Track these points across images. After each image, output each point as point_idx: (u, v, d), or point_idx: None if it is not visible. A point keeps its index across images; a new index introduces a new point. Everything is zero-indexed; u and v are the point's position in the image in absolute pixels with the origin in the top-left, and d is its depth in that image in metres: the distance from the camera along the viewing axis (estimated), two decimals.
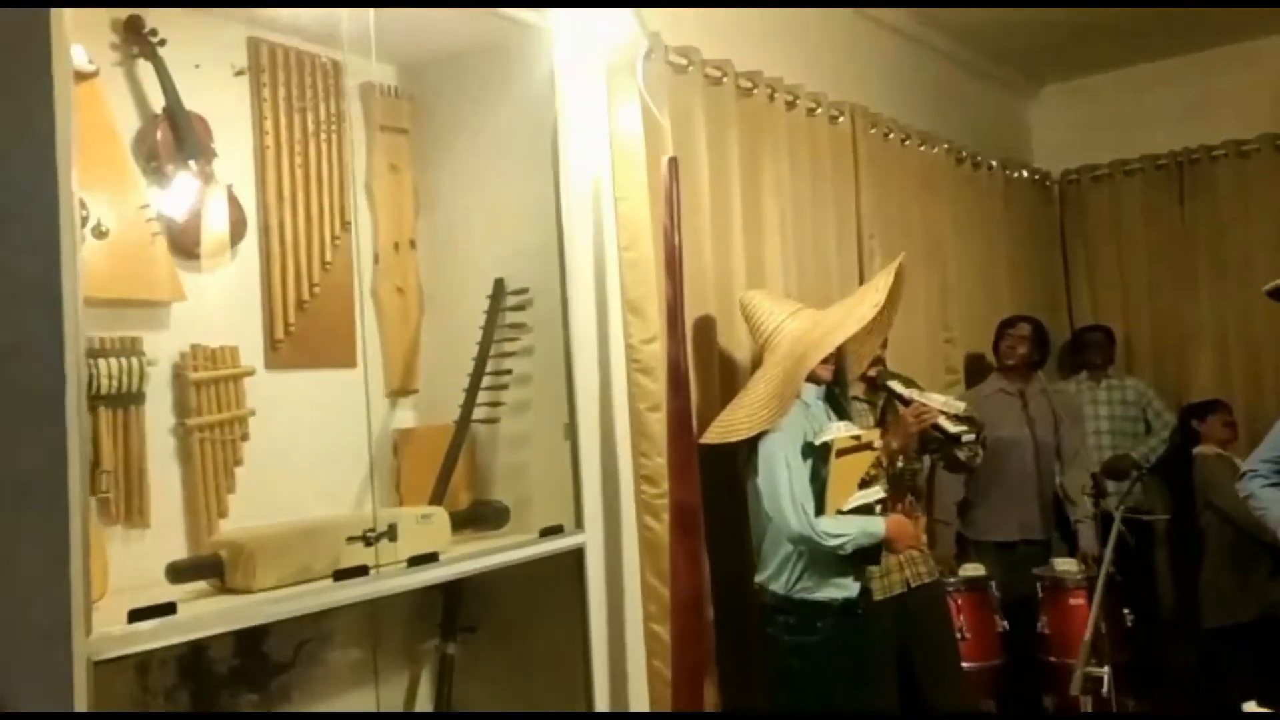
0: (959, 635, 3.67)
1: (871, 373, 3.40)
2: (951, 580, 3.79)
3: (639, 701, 2.85)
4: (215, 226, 2.20)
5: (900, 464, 3.29)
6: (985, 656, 3.72)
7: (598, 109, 3.02)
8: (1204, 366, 5.17)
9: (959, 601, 3.74)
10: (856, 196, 4.07)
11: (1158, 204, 5.38)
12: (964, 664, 3.61)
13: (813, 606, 2.87)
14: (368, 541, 2.02)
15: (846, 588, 2.91)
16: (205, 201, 2.18)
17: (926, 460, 3.64)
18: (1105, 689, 2.46)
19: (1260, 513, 2.93)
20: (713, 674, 3.02)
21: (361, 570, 2.00)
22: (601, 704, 2.68)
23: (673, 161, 2.87)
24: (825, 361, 2.97)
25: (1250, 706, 2.52)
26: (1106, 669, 2.45)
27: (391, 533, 2.07)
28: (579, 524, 2.49)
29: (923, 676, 3.39)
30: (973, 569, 3.90)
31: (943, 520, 4.18)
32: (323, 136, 2.47)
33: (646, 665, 2.86)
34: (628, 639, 2.90)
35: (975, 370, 4.73)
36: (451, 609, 2.60)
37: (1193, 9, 4.68)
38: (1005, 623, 3.80)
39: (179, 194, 2.13)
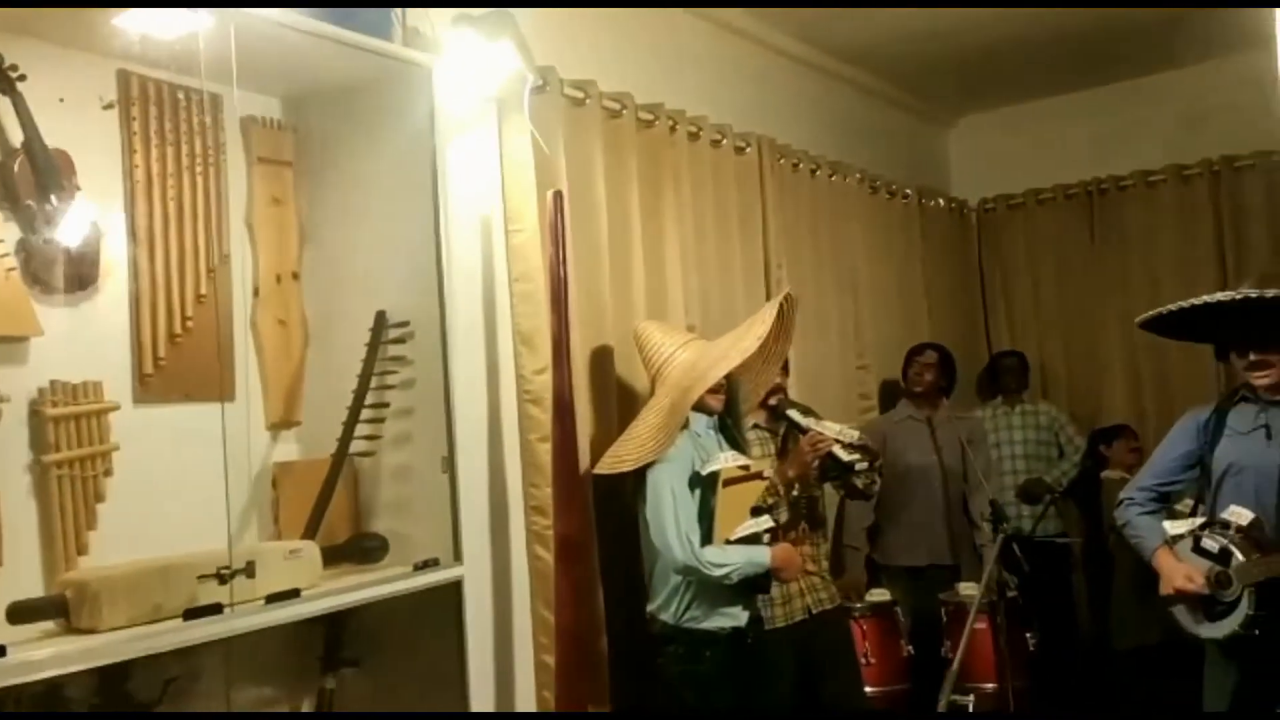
0: (864, 660, 3.70)
1: (772, 401, 3.43)
2: (857, 606, 3.82)
3: None
4: (77, 261, 2.19)
5: (796, 492, 3.32)
6: (890, 681, 3.75)
7: (489, 142, 3.04)
8: (1117, 392, 5.27)
9: (864, 627, 3.77)
10: (764, 227, 4.12)
11: (1070, 233, 5.51)
12: (869, 689, 3.63)
13: (701, 636, 2.88)
14: (222, 579, 2.01)
15: (735, 617, 2.92)
16: (66, 236, 2.16)
17: (829, 488, 3.67)
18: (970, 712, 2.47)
19: (1136, 541, 2.97)
20: (606, 704, 3.02)
21: (215, 609, 1.98)
22: None
23: (558, 195, 2.89)
24: (715, 392, 2.99)
25: None
26: (971, 697, 2.47)
27: (249, 569, 2.06)
28: (457, 557, 2.49)
29: (825, 703, 3.42)
30: (879, 594, 3.93)
31: (852, 546, 4.23)
32: (198, 169, 2.46)
33: (536, 696, 2.85)
34: (517, 670, 2.90)
35: (892, 396, 4.78)
36: (333, 643, 2.58)
37: (1105, 42, 4.83)
38: (911, 647, 3.83)
39: (37, 229, 2.11)
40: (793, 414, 3.37)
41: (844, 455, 3.22)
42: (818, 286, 4.46)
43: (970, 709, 2.48)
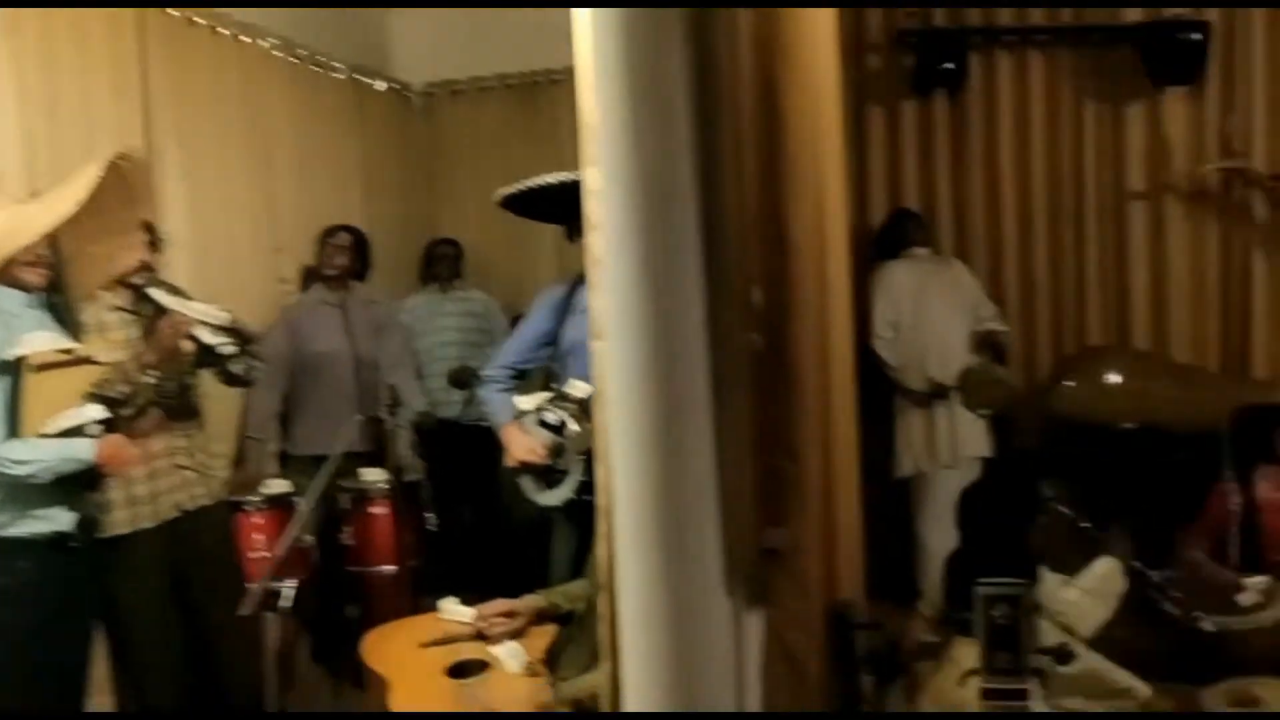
0: (257, 554, 3.55)
1: (136, 280, 3.08)
2: (251, 499, 3.64)
3: None
4: None
5: (156, 379, 3.02)
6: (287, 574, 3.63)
7: None
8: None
9: (257, 520, 3.61)
10: (144, 89, 3.67)
11: (509, 123, 5.57)
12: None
13: (11, 544, 2.54)
14: None
15: (55, 520, 2.59)
16: None
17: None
18: (286, 602, 2.41)
19: (491, 418, 3.07)
20: None
21: None
22: None
23: None
24: (32, 264, 2.61)
25: (446, 603, 2.62)
26: (291, 583, 2.41)
27: None
28: None
29: (202, 600, 3.23)
30: (276, 485, 3.77)
31: (255, 437, 4.01)
32: None
33: None
34: None
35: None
36: None
37: None
38: (311, 537, 3.73)
39: None
40: (155, 293, 3.04)
41: (208, 338, 2.98)
42: (222, 161, 4.11)
43: (281, 595, 2.39)
